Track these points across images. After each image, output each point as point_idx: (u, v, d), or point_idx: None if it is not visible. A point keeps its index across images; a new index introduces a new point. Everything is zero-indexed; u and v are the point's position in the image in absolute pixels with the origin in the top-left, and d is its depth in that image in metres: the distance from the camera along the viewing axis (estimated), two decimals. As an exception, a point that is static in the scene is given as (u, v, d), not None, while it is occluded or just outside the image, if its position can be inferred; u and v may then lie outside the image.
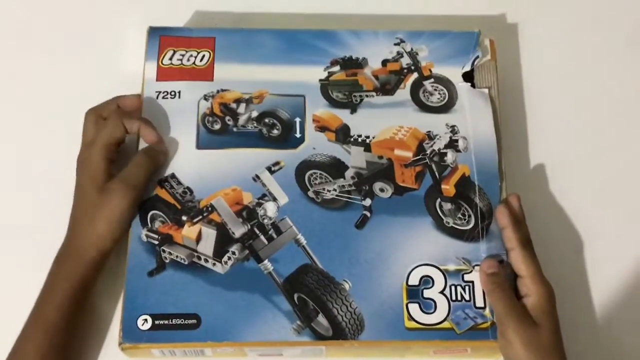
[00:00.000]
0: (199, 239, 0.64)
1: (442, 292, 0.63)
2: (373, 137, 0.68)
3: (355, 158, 0.67)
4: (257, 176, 0.65)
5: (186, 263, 0.63)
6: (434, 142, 0.67)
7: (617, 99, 0.77)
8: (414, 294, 0.62)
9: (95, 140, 0.64)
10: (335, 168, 0.67)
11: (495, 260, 0.62)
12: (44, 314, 0.60)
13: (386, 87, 0.71)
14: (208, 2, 0.78)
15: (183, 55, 0.70)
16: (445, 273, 0.63)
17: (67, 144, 0.68)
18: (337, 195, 0.66)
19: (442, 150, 0.67)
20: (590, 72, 0.78)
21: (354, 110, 0.70)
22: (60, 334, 0.60)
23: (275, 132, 0.69)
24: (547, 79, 0.77)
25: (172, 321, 0.61)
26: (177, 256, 0.63)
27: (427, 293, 0.62)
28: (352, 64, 0.72)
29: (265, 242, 0.63)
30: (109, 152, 0.64)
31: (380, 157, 0.67)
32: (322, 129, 0.69)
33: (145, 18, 0.73)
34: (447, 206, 0.65)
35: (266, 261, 0.62)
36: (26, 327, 0.60)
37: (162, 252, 0.63)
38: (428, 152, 0.67)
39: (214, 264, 0.63)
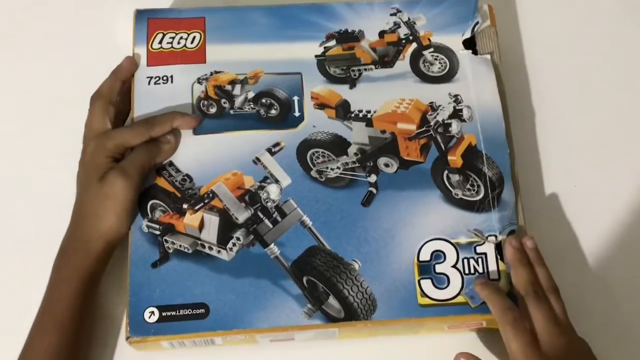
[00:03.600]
0: (201, 226, 0.62)
1: (454, 266, 0.61)
2: (374, 112, 0.66)
3: (357, 134, 0.65)
4: (258, 159, 0.63)
5: (190, 252, 0.61)
6: (438, 113, 0.65)
7: (615, 61, 0.75)
8: (425, 269, 0.61)
9: (110, 136, 0.62)
10: (338, 145, 0.65)
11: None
12: (54, 311, 0.58)
13: (385, 60, 0.69)
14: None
15: (173, 38, 0.68)
16: (456, 246, 0.62)
17: (59, 137, 0.67)
18: (341, 173, 0.64)
19: (446, 121, 0.65)
20: (589, 37, 0.76)
21: (353, 85, 0.68)
22: (71, 331, 0.58)
23: (273, 112, 0.67)
24: (546, 42, 0.75)
25: (179, 312, 0.59)
26: (180, 245, 0.61)
27: (439, 268, 0.61)
28: (349, 38, 0.69)
29: (270, 225, 0.61)
30: (118, 152, 0.62)
31: (383, 132, 0.65)
32: (321, 106, 0.66)
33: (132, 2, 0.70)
34: (455, 178, 0.63)
35: (272, 245, 0.61)
36: (35, 326, 0.58)
37: (164, 242, 0.61)
38: (432, 123, 0.65)
39: (219, 251, 0.61)
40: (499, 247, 0.62)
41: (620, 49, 0.76)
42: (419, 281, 0.60)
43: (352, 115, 0.66)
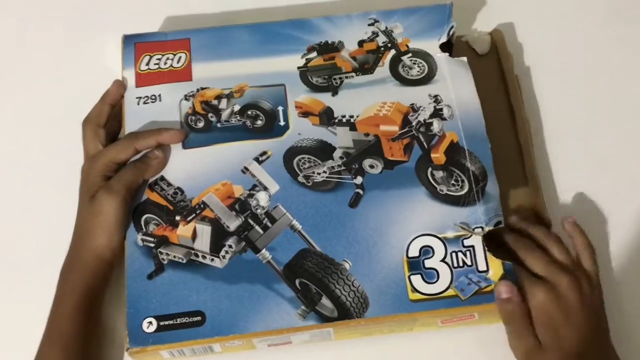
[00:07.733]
0: (194, 236, 0.63)
1: (443, 260, 0.62)
2: (357, 116, 0.68)
3: (341, 138, 0.67)
4: (246, 168, 0.65)
5: (184, 262, 0.63)
6: (419, 114, 0.67)
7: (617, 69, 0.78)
8: (415, 265, 0.62)
9: (99, 156, 0.64)
10: (323, 150, 0.67)
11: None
12: (58, 328, 0.60)
13: (365, 67, 0.71)
14: (178, 7, 0.80)
15: (160, 59, 0.71)
16: (444, 241, 0.63)
17: (57, 161, 0.70)
18: (327, 177, 0.66)
19: (427, 121, 0.67)
20: (593, 45, 0.79)
21: (335, 92, 0.70)
22: (76, 346, 0.60)
23: (259, 122, 0.68)
24: (551, 54, 0.79)
25: (177, 321, 0.60)
26: (174, 256, 0.63)
27: (428, 263, 0.62)
28: (329, 49, 0.72)
29: (261, 231, 0.63)
30: (109, 170, 0.64)
31: (367, 135, 0.67)
32: (305, 114, 0.68)
33: (119, 28, 0.73)
34: (439, 174, 0.65)
35: (264, 250, 0.62)
36: (44, 340, 0.60)
37: (159, 254, 0.63)
38: (414, 123, 0.66)
39: (212, 260, 0.62)
40: (486, 239, 0.63)
41: (618, 57, 0.78)
42: (409, 277, 0.61)
43: (336, 120, 0.68)
